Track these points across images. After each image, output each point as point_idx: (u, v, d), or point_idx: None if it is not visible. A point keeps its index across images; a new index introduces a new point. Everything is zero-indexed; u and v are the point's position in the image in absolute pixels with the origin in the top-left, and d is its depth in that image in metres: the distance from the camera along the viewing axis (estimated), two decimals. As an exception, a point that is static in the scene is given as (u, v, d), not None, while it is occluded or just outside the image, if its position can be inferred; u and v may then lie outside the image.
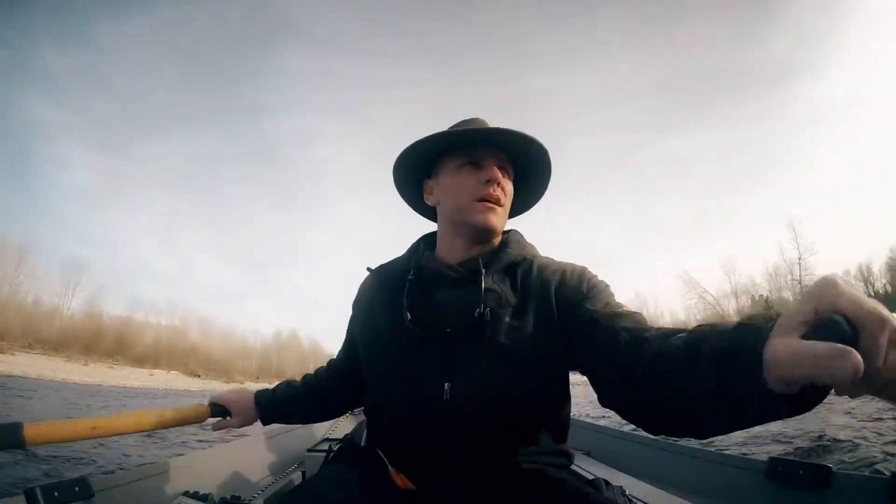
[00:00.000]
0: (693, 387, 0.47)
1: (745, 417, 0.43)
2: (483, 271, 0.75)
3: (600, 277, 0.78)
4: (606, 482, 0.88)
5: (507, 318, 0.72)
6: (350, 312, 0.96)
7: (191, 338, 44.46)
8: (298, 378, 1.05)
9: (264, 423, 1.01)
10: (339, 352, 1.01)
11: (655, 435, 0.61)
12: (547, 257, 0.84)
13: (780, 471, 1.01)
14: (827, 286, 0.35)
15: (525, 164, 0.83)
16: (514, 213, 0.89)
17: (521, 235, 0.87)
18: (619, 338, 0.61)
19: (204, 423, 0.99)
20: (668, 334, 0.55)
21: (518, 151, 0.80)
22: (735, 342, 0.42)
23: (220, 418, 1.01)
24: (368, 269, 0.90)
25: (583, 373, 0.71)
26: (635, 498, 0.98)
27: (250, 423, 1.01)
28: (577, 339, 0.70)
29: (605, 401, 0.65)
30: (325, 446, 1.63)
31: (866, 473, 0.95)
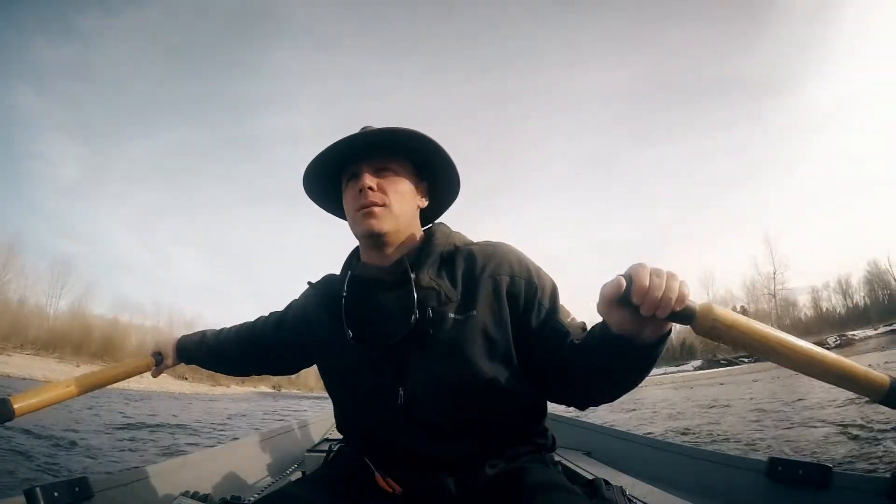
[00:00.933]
0: (588, 362, 0.68)
1: (618, 364, 0.64)
2: (413, 275, 0.75)
3: (545, 272, 0.80)
4: (606, 482, 0.88)
5: (451, 314, 0.73)
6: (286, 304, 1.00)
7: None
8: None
9: (183, 363, 1.10)
10: (260, 320, 1.03)
11: (581, 409, 0.82)
12: (484, 242, 0.83)
13: (780, 471, 1.01)
14: (632, 268, 0.57)
15: (431, 161, 0.83)
16: (448, 198, 0.90)
17: (446, 226, 0.86)
18: (564, 343, 0.72)
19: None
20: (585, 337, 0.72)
21: (402, 146, 0.80)
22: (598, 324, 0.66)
23: (157, 366, 1.09)
24: (309, 283, 0.92)
25: (528, 369, 0.76)
26: (635, 498, 0.98)
27: (175, 364, 1.10)
28: (527, 341, 0.75)
29: (544, 388, 0.77)
30: (325, 447, 1.63)
31: (866, 473, 0.95)
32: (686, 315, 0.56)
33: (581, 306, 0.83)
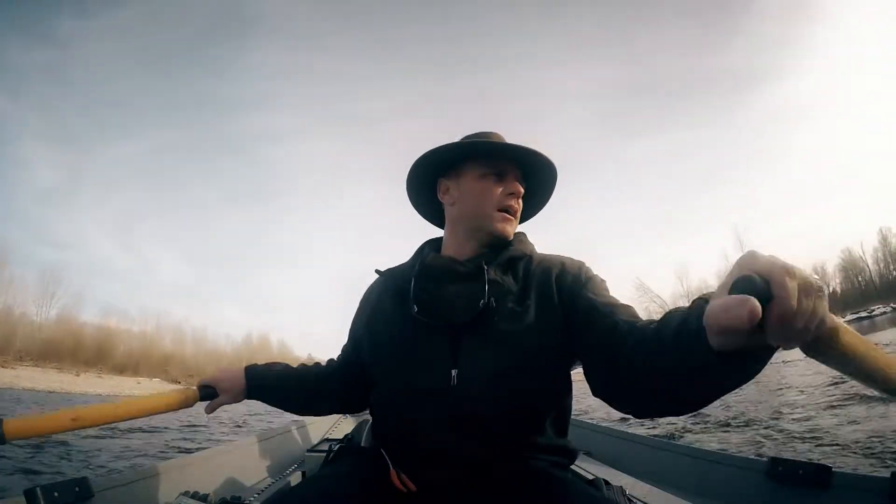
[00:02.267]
0: (660, 361, 0.54)
1: (702, 380, 0.49)
2: (486, 267, 0.79)
3: (597, 272, 0.83)
4: (606, 482, 0.88)
5: (510, 305, 0.76)
6: (353, 314, 0.97)
7: (165, 344, 43.78)
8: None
9: (249, 397, 0.96)
10: (340, 354, 1.01)
11: (641, 418, 0.68)
12: (546, 253, 0.88)
13: (780, 471, 1.01)
14: (747, 255, 0.41)
15: (534, 177, 0.88)
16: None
17: (525, 236, 0.91)
18: (616, 326, 0.66)
19: (194, 406, 0.94)
20: (650, 322, 0.63)
21: (532, 166, 0.85)
22: (686, 314, 0.51)
23: (210, 400, 0.96)
24: (377, 271, 0.93)
25: (580, 358, 0.75)
26: (635, 498, 0.98)
27: (240, 399, 0.97)
28: (577, 325, 0.74)
29: (596, 389, 0.70)
30: (325, 447, 1.63)
31: (866, 473, 0.95)
32: (814, 345, 0.41)
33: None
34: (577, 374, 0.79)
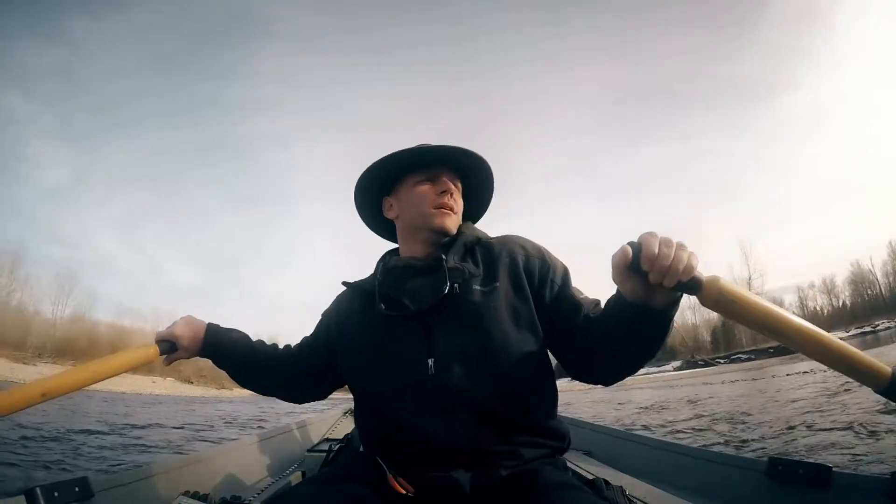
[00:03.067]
0: (604, 328, 0.73)
1: (632, 329, 0.68)
2: (444, 257, 0.83)
3: (557, 257, 0.89)
4: (606, 482, 0.88)
5: (476, 287, 0.80)
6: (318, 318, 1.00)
7: None
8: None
9: (202, 355, 0.95)
10: (298, 345, 1.00)
11: (603, 383, 0.82)
12: (500, 235, 0.92)
13: (780, 471, 1.01)
14: (642, 236, 0.60)
15: (474, 176, 0.94)
16: (468, 217, 0.98)
17: (472, 226, 0.96)
18: (579, 314, 0.78)
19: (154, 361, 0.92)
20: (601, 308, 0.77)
21: (467, 167, 0.92)
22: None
23: (168, 354, 0.94)
24: (344, 283, 0.97)
25: (550, 341, 0.82)
26: (635, 498, 0.98)
27: (195, 355, 0.95)
28: (546, 312, 0.81)
29: (566, 366, 0.81)
30: (325, 447, 1.63)
31: (866, 473, 0.95)
32: (692, 285, 0.57)
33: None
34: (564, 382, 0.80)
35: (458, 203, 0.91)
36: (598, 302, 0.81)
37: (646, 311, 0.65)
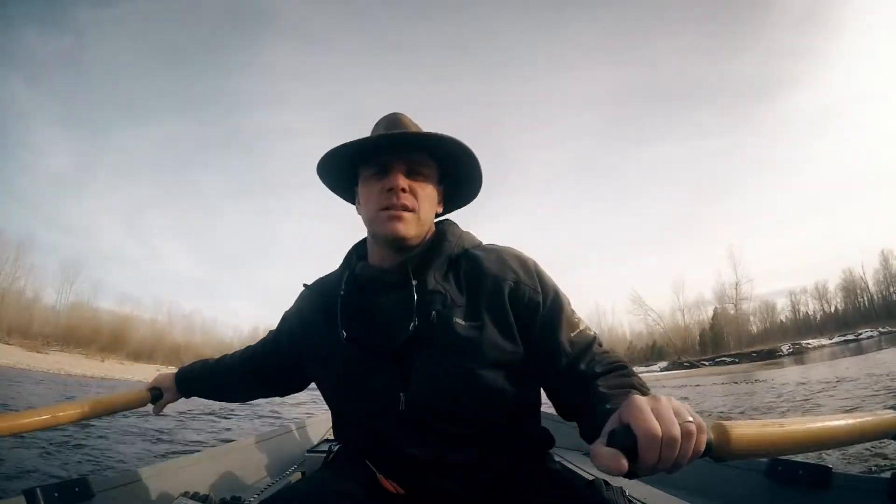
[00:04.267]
0: (589, 424, 0.61)
1: None
2: (414, 281, 0.72)
3: (550, 277, 0.78)
4: (606, 482, 0.88)
5: (457, 319, 0.70)
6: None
7: (176, 334, 44.92)
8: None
9: (184, 395, 1.05)
10: (259, 344, 0.99)
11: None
12: (489, 245, 0.82)
13: (780, 471, 1.01)
14: (628, 405, 0.46)
15: (451, 161, 0.79)
16: (456, 205, 0.88)
17: (456, 225, 0.84)
18: (559, 361, 0.70)
19: (145, 408, 1.05)
20: (600, 373, 0.66)
21: (439, 152, 0.77)
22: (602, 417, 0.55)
23: (158, 401, 1.05)
24: (305, 285, 0.88)
25: (535, 378, 0.75)
26: (635, 498, 0.98)
27: (178, 398, 1.05)
28: (534, 355, 0.72)
29: (561, 412, 0.73)
30: (325, 447, 1.63)
31: (866, 474, 0.95)
32: (702, 456, 0.48)
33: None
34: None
35: (417, 201, 0.75)
36: (592, 341, 0.72)
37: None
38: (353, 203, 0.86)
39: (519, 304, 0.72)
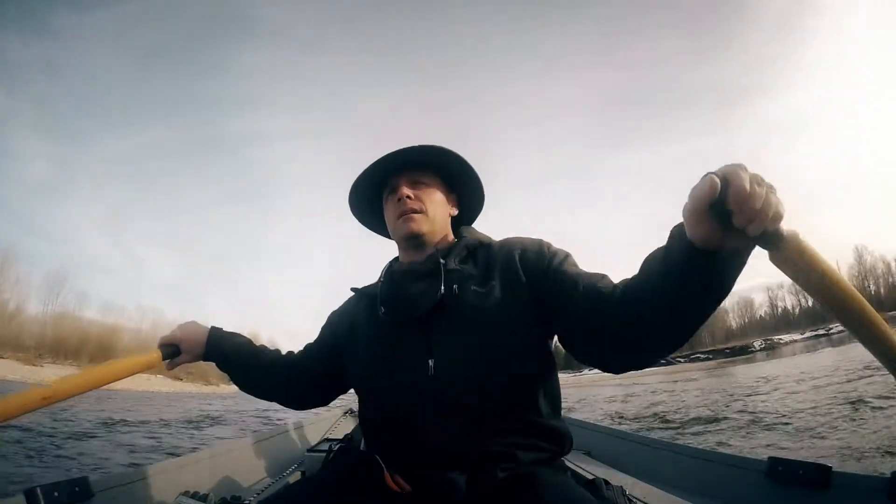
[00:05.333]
0: (650, 287, 0.60)
1: (692, 284, 0.54)
2: (443, 261, 0.83)
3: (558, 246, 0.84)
4: (606, 482, 0.88)
5: (473, 288, 0.79)
6: (325, 320, 1.01)
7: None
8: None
9: (206, 359, 0.97)
10: (302, 351, 1.00)
11: (638, 367, 0.68)
12: (504, 238, 0.90)
13: (780, 471, 1.01)
14: (727, 168, 0.48)
15: (447, 170, 0.92)
16: (473, 209, 0.99)
17: (473, 229, 0.96)
18: (596, 290, 0.69)
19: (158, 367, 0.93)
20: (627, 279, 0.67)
21: (433, 162, 0.90)
22: (669, 238, 0.57)
23: (171, 359, 0.95)
24: (353, 289, 0.98)
25: (561, 331, 0.76)
26: (635, 498, 0.98)
27: (199, 359, 0.97)
28: (551, 299, 0.75)
29: (588, 355, 0.72)
30: (325, 447, 1.63)
31: (866, 473, 0.95)
32: (774, 238, 0.47)
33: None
34: (579, 380, 0.78)
35: (424, 201, 0.88)
36: (603, 276, 0.73)
37: (717, 261, 0.52)
38: (362, 221, 1.01)
39: (528, 264, 0.80)
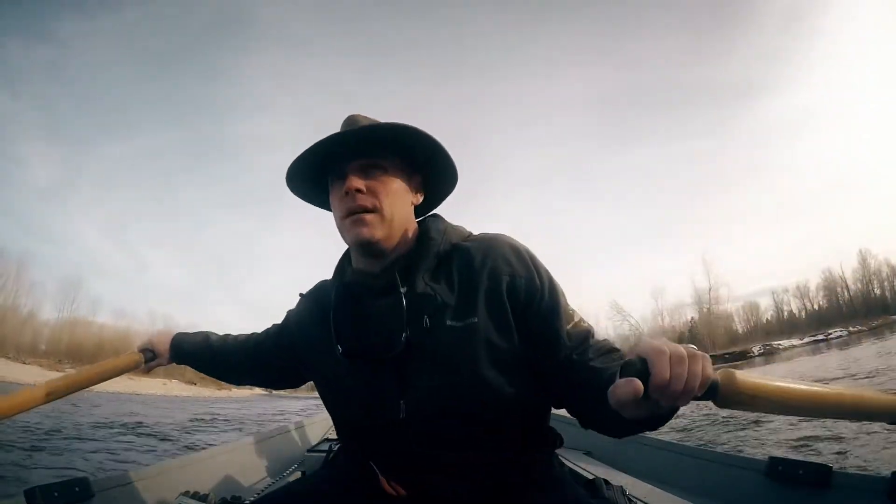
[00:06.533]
0: (593, 409, 0.64)
1: (626, 430, 0.62)
2: (403, 288, 0.71)
3: (547, 269, 0.75)
4: (606, 482, 0.88)
5: (449, 321, 0.68)
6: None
7: None
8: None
9: (173, 361, 1.04)
10: (262, 334, 0.99)
11: (584, 427, 0.71)
12: (480, 235, 0.78)
13: (780, 471, 1.01)
14: (638, 344, 0.50)
15: (411, 147, 0.75)
16: (443, 191, 0.84)
17: (441, 219, 0.80)
18: (557, 354, 0.69)
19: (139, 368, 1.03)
20: (596, 358, 0.67)
21: (393, 141, 0.73)
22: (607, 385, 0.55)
23: (150, 361, 1.04)
24: (300, 294, 0.89)
25: (530, 368, 0.72)
26: (635, 498, 0.98)
27: (169, 362, 1.05)
28: (534, 347, 0.70)
29: (554, 399, 0.74)
30: (325, 447, 1.63)
31: (866, 473, 0.95)
32: (708, 394, 0.50)
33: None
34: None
35: (378, 196, 0.71)
36: (588, 334, 0.70)
37: (646, 424, 0.56)
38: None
39: (516, 298, 0.70)
